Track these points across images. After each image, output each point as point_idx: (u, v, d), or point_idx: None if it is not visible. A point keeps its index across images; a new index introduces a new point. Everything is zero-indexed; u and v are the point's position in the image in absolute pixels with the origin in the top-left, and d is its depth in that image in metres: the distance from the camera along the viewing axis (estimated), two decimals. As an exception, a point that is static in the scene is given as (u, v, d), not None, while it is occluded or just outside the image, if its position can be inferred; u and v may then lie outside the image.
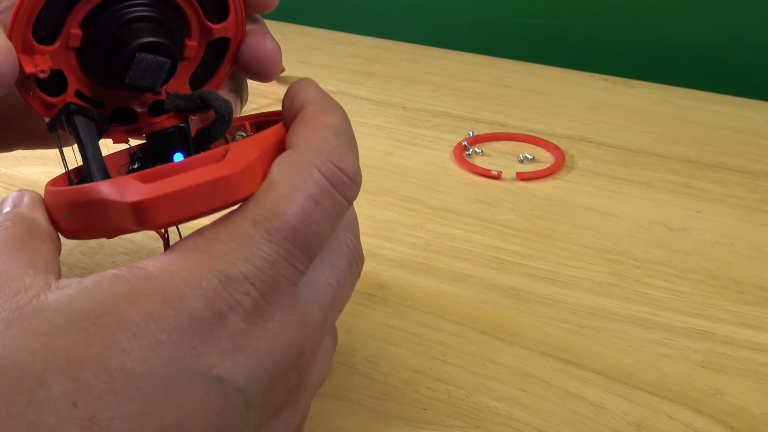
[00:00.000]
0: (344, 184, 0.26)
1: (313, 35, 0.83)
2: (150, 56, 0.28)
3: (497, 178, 0.54)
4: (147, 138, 0.32)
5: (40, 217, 0.27)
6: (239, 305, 0.24)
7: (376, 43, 0.81)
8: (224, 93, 0.33)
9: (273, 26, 0.34)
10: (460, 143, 0.58)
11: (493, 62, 0.76)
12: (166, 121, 0.32)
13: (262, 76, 0.33)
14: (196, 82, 0.33)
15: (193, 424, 0.22)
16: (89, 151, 0.29)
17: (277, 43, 0.33)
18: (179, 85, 0.32)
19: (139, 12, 0.29)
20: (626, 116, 0.64)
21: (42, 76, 0.28)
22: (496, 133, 0.61)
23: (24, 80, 0.28)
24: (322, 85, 0.31)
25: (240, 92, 0.35)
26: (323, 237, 0.26)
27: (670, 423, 0.34)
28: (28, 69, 0.27)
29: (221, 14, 0.31)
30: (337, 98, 0.30)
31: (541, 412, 0.34)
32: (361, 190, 0.27)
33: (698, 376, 0.37)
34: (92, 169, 0.29)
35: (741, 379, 0.37)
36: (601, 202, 0.51)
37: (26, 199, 0.27)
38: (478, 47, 0.80)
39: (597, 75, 0.73)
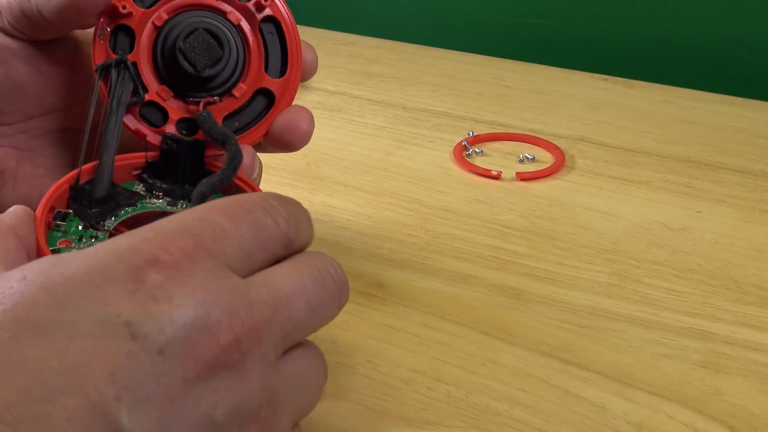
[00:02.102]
0: (278, 214, 0.28)
1: (313, 35, 0.83)
2: (209, 36, 0.33)
3: (497, 178, 0.54)
4: (163, 140, 0.34)
5: (7, 219, 0.29)
6: (156, 260, 0.24)
7: (376, 43, 0.81)
8: (250, 151, 0.35)
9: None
10: (460, 143, 0.58)
11: (493, 62, 0.76)
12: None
13: (288, 148, 0.37)
14: (232, 128, 0.36)
15: (97, 364, 0.23)
16: (113, 115, 0.33)
17: (312, 121, 0.37)
18: (218, 116, 0.35)
19: (217, 23, 0.34)
20: (626, 116, 0.64)
21: (122, 11, 0.33)
22: (496, 133, 0.61)
23: (104, 27, 0.33)
24: (322, 85, 0.33)
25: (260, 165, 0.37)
26: (257, 242, 0.27)
27: (670, 423, 0.34)
28: (115, 1, 0.33)
29: (279, 72, 0.36)
30: (337, 98, 0.31)
31: (541, 412, 0.34)
32: (361, 190, 0.27)
33: (698, 376, 0.37)
34: (107, 138, 0.33)
35: (741, 379, 0.37)
36: (601, 202, 0.51)
37: (12, 209, 0.30)
38: (478, 47, 0.80)
39: (597, 75, 0.73)
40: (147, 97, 0.34)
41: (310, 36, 0.94)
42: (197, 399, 0.24)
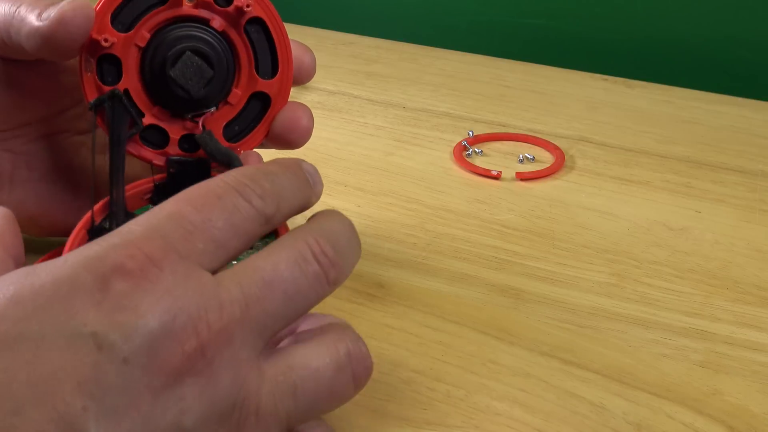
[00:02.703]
0: (251, 192, 0.28)
1: (313, 35, 0.83)
2: (197, 58, 0.32)
3: (497, 178, 0.54)
4: (168, 164, 0.34)
5: None
6: (123, 267, 0.24)
7: (376, 43, 0.81)
8: (254, 155, 0.35)
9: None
10: (459, 143, 0.58)
11: (493, 62, 0.76)
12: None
13: (290, 146, 0.36)
14: (234, 136, 0.36)
15: (65, 376, 0.23)
16: (115, 148, 0.33)
17: (311, 116, 0.36)
18: (215, 128, 0.35)
19: (202, 34, 0.33)
20: (626, 116, 0.64)
21: (105, 45, 0.32)
22: (495, 133, 0.61)
23: (87, 59, 0.32)
24: (322, 85, 0.33)
25: None
26: (230, 229, 0.27)
27: (669, 423, 0.34)
28: (95, 35, 0.32)
29: (270, 73, 0.35)
30: (337, 98, 0.31)
31: (540, 412, 0.34)
32: (361, 190, 0.27)
33: (698, 376, 0.37)
34: (113, 172, 0.32)
35: (741, 379, 0.37)
36: (601, 202, 0.51)
37: None
38: (478, 47, 0.80)
39: (597, 75, 0.73)
40: (145, 121, 0.34)
41: (310, 36, 0.95)
42: (164, 407, 0.24)
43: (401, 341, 0.38)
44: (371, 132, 0.61)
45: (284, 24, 0.35)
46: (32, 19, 0.31)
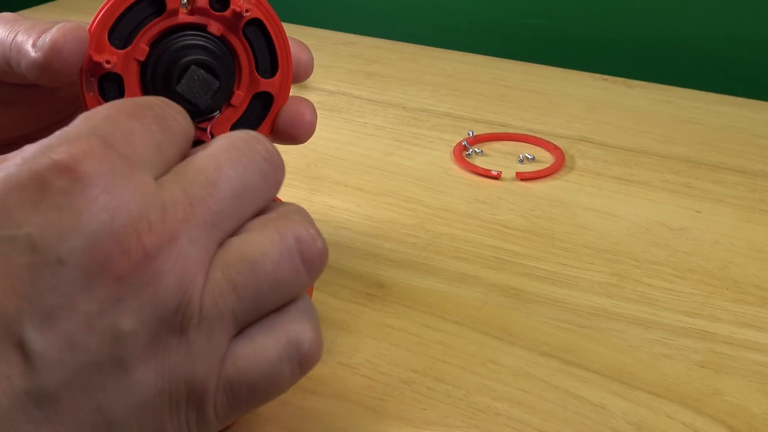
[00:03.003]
0: (177, 109, 0.28)
1: (313, 35, 0.83)
2: (202, 71, 0.32)
3: (497, 178, 0.54)
4: None
5: None
6: (60, 163, 0.23)
7: (376, 43, 0.81)
8: None
9: (273, 26, 0.34)
10: (459, 143, 0.58)
11: (493, 62, 0.76)
12: None
13: (296, 140, 0.36)
14: None
15: (0, 275, 0.22)
16: None
17: (314, 110, 0.36)
18: (222, 131, 0.35)
19: (202, 41, 0.33)
20: (626, 116, 0.64)
21: (107, 66, 0.32)
22: (495, 133, 0.61)
23: (89, 78, 0.32)
24: (322, 85, 0.32)
25: None
26: (164, 134, 0.26)
27: (669, 423, 0.34)
28: (96, 58, 0.31)
29: (271, 72, 0.35)
30: (337, 98, 0.30)
31: (540, 412, 0.34)
32: (361, 190, 0.27)
33: (698, 376, 0.37)
34: None
35: (741, 378, 0.37)
36: (601, 202, 0.51)
37: None
38: (478, 47, 0.80)
39: (597, 75, 0.73)
40: None
41: (310, 36, 0.95)
42: (101, 308, 0.23)
43: (401, 341, 0.38)
44: (371, 132, 0.61)
45: (284, 23, 0.35)
46: (29, 49, 0.31)
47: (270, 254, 0.26)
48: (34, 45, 0.31)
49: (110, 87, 0.33)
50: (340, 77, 0.72)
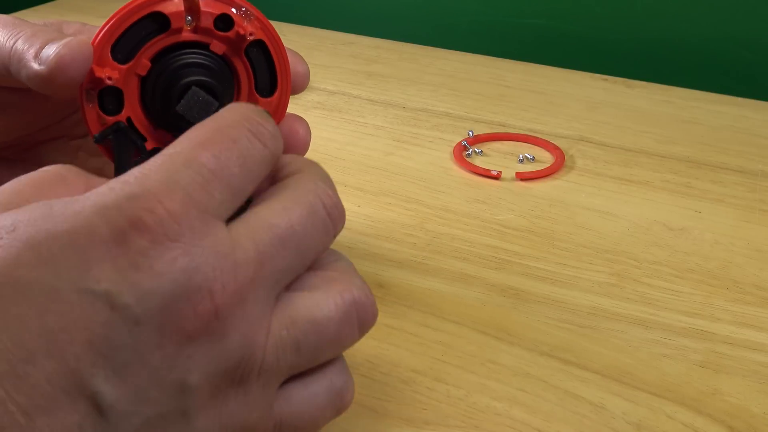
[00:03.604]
0: (264, 130, 0.27)
1: (313, 35, 0.83)
2: (202, 93, 0.32)
3: (497, 178, 0.54)
4: None
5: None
6: (141, 222, 0.24)
7: (376, 43, 0.81)
8: None
9: (273, 26, 0.34)
10: (459, 143, 0.58)
11: (493, 62, 0.76)
12: None
13: None
14: None
15: (76, 331, 0.23)
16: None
17: (309, 129, 0.36)
18: None
19: (203, 60, 0.33)
20: (626, 116, 0.64)
21: (108, 82, 0.32)
22: (495, 133, 0.61)
23: (89, 90, 0.32)
24: (322, 85, 0.32)
25: None
26: (245, 174, 0.26)
27: (669, 423, 0.34)
28: (98, 74, 0.31)
29: (269, 91, 0.35)
30: (337, 98, 0.30)
31: (540, 412, 0.34)
32: (361, 190, 0.27)
33: (698, 376, 0.37)
34: None
35: (740, 378, 0.37)
36: (601, 202, 0.51)
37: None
38: (478, 47, 0.80)
39: (597, 75, 0.73)
40: (148, 146, 0.34)
41: (310, 36, 0.95)
42: (172, 365, 0.24)
43: (401, 341, 0.38)
44: (371, 132, 0.61)
45: (284, 23, 0.35)
46: (31, 60, 0.31)
47: (334, 318, 0.27)
48: (36, 56, 0.31)
49: (110, 100, 0.33)
50: (340, 77, 0.72)
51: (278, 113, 0.36)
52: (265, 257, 0.26)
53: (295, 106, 0.65)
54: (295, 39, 0.81)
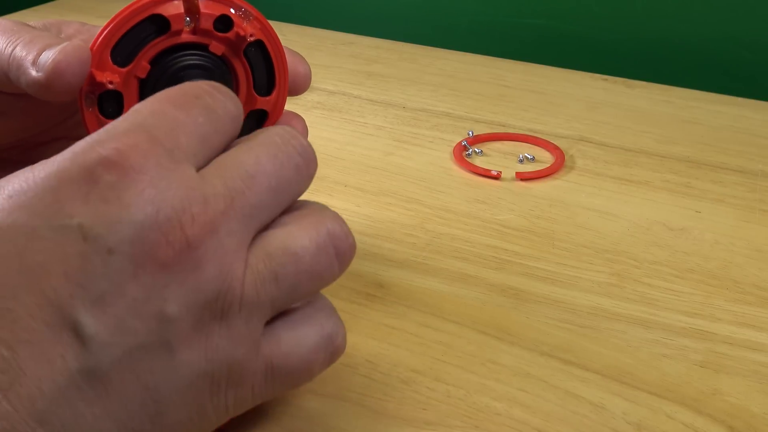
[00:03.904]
0: (225, 94, 0.29)
1: (313, 35, 0.83)
2: None
3: (497, 178, 0.54)
4: None
5: None
6: (108, 160, 0.25)
7: (376, 43, 0.81)
8: None
9: (273, 26, 0.34)
10: (459, 143, 0.58)
11: (493, 62, 0.76)
12: None
13: None
14: None
15: (53, 264, 0.24)
16: None
17: (306, 127, 0.37)
18: None
19: (202, 61, 0.33)
20: (626, 116, 0.64)
21: (109, 86, 0.32)
22: (495, 133, 0.61)
23: (88, 94, 0.32)
24: (322, 85, 0.32)
25: None
26: (210, 124, 0.28)
27: (669, 423, 0.34)
28: (99, 78, 0.32)
29: (267, 89, 0.35)
30: (337, 98, 0.30)
31: (540, 412, 0.34)
32: (361, 190, 0.27)
33: (698, 376, 0.37)
34: None
35: (741, 378, 0.37)
36: (601, 202, 0.51)
37: None
38: (478, 47, 0.80)
39: (597, 75, 0.73)
40: None
41: (310, 36, 0.94)
42: (148, 295, 0.25)
43: (401, 341, 0.38)
44: (371, 132, 0.61)
45: (284, 23, 0.35)
46: (29, 67, 0.31)
47: (309, 248, 0.28)
48: (34, 63, 0.31)
49: (110, 103, 0.33)
50: (340, 77, 0.72)
51: (276, 112, 0.36)
52: (235, 192, 0.27)
53: (295, 106, 0.65)
54: (295, 39, 0.81)
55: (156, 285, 0.25)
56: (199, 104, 0.28)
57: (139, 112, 0.27)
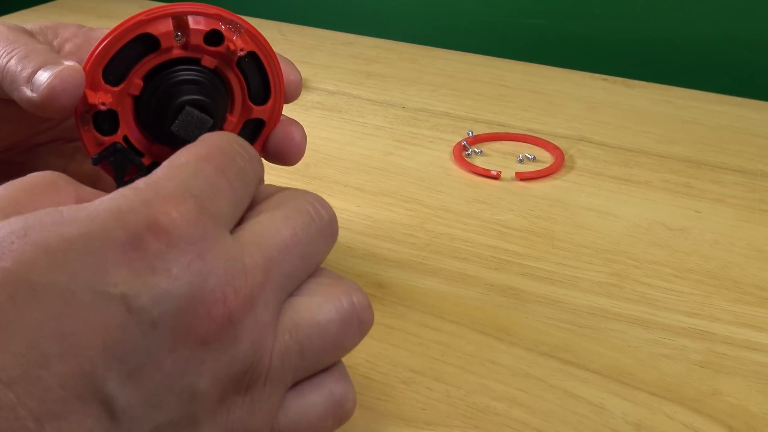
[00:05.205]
0: (253, 155, 0.29)
1: (313, 35, 0.83)
2: (197, 112, 0.32)
3: (497, 178, 0.54)
4: None
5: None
6: (157, 225, 0.24)
7: (376, 43, 0.81)
8: None
9: (273, 26, 0.34)
10: (459, 143, 0.58)
11: (493, 62, 0.76)
12: None
13: (286, 162, 0.37)
14: None
15: (91, 334, 0.23)
16: None
17: (304, 133, 0.37)
18: None
19: (195, 76, 0.33)
20: (626, 116, 0.64)
21: (102, 108, 0.32)
22: (495, 133, 0.61)
23: (83, 114, 0.32)
24: (322, 85, 0.32)
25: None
26: (243, 189, 0.28)
27: (669, 423, 0.34)
28: (92, 100, 0.32)
29: (263, 98, 0.35)
30: (337, 98, 0.30)
31: (540, 412, 0.34)
32: (360, 190, 0.27)
33: (697, 376, 0.37)
34: None
35: (740, 379, 0.37)
36: (601, 202, 0.51)
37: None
38: (478, 47, 0.80)
39: (597, 75, 0.73)
40: (145, 161, 0.34)
41: (310, 36, 0.94)
42: (184, 370, 0.24)
43: (401, 341, 0.38)
44: (371, 132, 0.61)
45: (284, 23, 0.35)
46: (23, 85, 0.31)
47: (335, 320, 0.28)
48: (29, 81, 0.31)
49: (105, 121, 0.33)
50: (340, 77, 0.72)
51: (273, 120, 0.36)
52: (272, 263, 0.26)
53: (295, 105, 0.65)
54: (295, 39, 0.81)
55: (193, 360, 0.24)
56: (234, 167, 0.27)
57: (182, 170, 0.26)
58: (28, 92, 0.31)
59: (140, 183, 0.25)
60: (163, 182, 0.25)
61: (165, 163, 0.27)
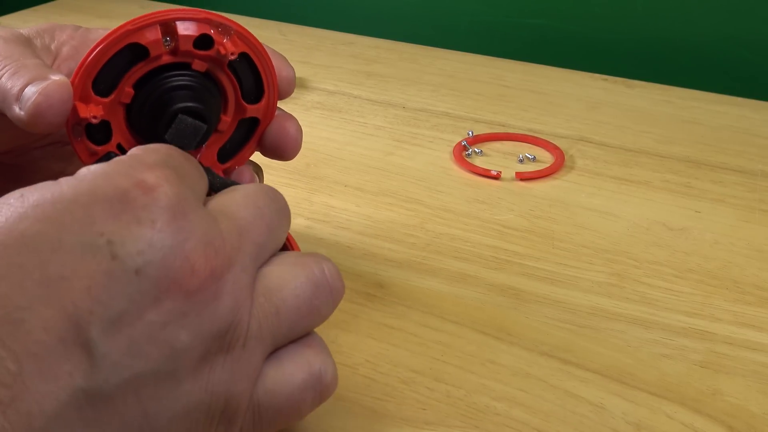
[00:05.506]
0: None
1: (313, 35, 0.83)
2: (190, 119, 0.32)
3: (497, 178, 0.54)
4: None
5: None
6: (144, 182, 0.26)
7: (376, 43, 0.81)
8: (248, 170, 0.37)
9: (273, 26, 0.34)
10: (459, 143, 0.58)
11: (493, 62, 0.76)
12: None
13: (283, 157, 0.37)
14: (225, 155, 0.36)
15: (76, 279, 0.24)
16: None
17: (299, 127, 0.37)
18: (209, 155, 0.35)
19: (187, 81, 0.32)
20: (626, 116, 0.64)
21: (93, 121, 0.32)
22: (495, 133, 0.61)
23: (75, 125, 0.32)
24: (322, 85, 0.33)
25: (259, 173, 0.39)
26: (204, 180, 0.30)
27: (669, 423, 0.34)
28: (83, 113, 0.31)
29: (256, 97, 0.35)
30: (337, 98, 0.30)
31: (540, 412, 0.34)
32: (360, 190, 0.27)
33: (697, 376, 0.37)
34: None
35: (740, 379, 0.37)
36: (601, 202, 0.51)
37: None
38: (478, 47, 0.80)
39: (597, 75, 0.73)
40: None
41: (310, 36, 0.94)
42: (165, 320, 0.25)
43: (401, 341, 0.38)
44: (371, 132, 0.61)
45: (284, 23, 0.35)
46: (13, 102, 0.31)
47: (308, 285, 0.29)
48: (17, 99, 0.31)
49: (98, 131, 0.32)
50: (340, 77, 0.72)
51: (267, 117, 0.35)
52: (244, 230, 0.28)
53: (295, 105, 0.65)
54: (295, 39, 0.81)
55: (175, 312, 0.25)
56: (192, 161, 0.29)
57: (156, 151, 0.28)
58: (17, 110, 0.31)
59: (123, 157, 0.27)
60: (143, 156, 0.27)
61: (139, 147, 0.28)
